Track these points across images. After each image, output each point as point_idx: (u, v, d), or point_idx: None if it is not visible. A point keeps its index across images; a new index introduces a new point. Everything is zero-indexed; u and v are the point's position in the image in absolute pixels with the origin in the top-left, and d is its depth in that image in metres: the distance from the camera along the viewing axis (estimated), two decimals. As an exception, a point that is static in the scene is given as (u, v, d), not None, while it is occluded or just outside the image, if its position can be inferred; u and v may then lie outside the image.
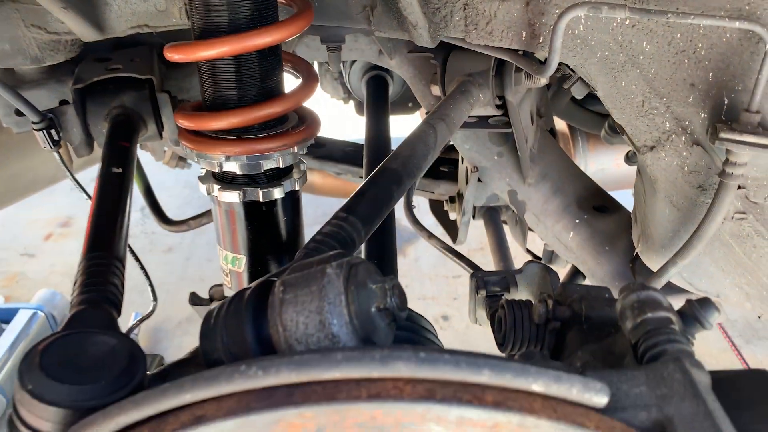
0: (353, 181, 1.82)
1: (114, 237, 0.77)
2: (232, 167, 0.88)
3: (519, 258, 1.58)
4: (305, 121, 0.94)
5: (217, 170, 0.89)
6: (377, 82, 1.61)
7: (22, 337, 2.64)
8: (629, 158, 1.64)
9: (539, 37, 0.94)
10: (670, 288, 1.11)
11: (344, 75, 1.75)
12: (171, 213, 1.81)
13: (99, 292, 0.68)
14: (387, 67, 1.31)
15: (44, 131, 1.05)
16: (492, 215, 1.48)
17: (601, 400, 0.44)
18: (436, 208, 1.70)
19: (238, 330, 0.58)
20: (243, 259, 0.97)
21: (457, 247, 1.40)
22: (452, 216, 1.60)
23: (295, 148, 0.90)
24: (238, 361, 0.46)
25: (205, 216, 1.57)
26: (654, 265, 1.12)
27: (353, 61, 1.70)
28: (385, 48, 1.22)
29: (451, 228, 1.65)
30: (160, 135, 1.17)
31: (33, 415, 0.54)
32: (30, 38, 1.07)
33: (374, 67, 1.64)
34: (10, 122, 1.15)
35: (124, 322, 2.79)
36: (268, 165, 0.90)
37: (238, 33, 0.81)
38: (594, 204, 1.30)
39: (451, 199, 1.53)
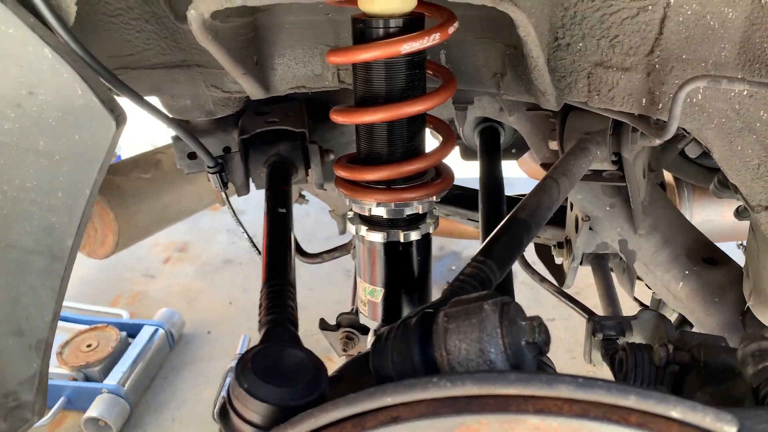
0: (460, 222, 1.94)
1: (286, 266, 0.93)
2: (380, 212, 1.02)
3: (624, 304, 1.64)
4: (441, 173, 1.07)
5: (366, 214, 1.04)
6: (491, 132, 1.73)
7: (146, 350, 2.91)
8: (739, 213, 1.66)
9: (658, 104, 1.03)
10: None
11: (456, 124, 1.88)
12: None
13: (282, 313, 0.83)
14: (505, 122, 1.43)
15: (217, 174, 1.24)
16: (600, 262, 1.55)
17: (731, 429, 0.53)
18: (542, 251, 1.78)
19: (407, 351, 0.70)
20: (380, 291, 1.11)
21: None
22: (558, 260, 1.68)
23: (434, 197, 1.03)
24: (409, 377, 0.58)
25: (337, 250, 1.74)
26: (766, 319, 1.16)
27: (466, 112, 1.83)
28: (506, 107, 1.34)
29: (556, 271, 1.73)
30: (306, 179, 1.35)
31: (247, 409, 0.68)
32: (207, 96, 1.28)
33: (487, 119, 1.76)
34: (183, 165, 1.36)
35: (234, 344, 3.02)
36: (409, 211, 1.03)
37: (395, 102, 0.95)
38: (703, 256, 1.35)
39: (559, 245, 1.62)
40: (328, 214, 2.32)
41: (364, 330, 1.44)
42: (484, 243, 0.92)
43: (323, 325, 1.42)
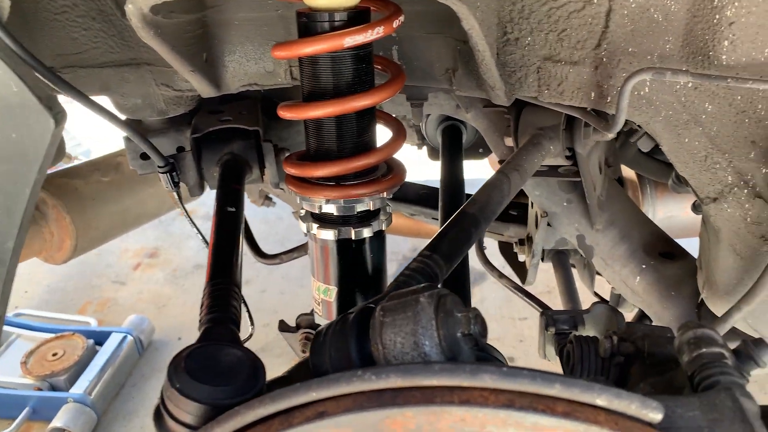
0: (425, 221, 1.93)
1: (232, 266, 0.91)
2: (330, 209, 1.01)
3: (586, 300, 1.64)
4: (393, 169, 1.06)
5: (316, 211, 1.02)
6: (452, 131, 1.73)
7: (114, 358, 2.86)
8: (696, 207, 1.68)
9: (607, 97, 1.03)
10: (736, 333, 1.15)
11: (421, 124, 1.88)
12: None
13: (223, 312, 0.81)
14: (462, 119, 1.42)
15: (167, 174, 1.22)
16: (561, 258, 1.56)
17: (656, 416, 0.52)
18: (506, 249, 1.78)
19: (344, 347, 0.69)
20: (334, 290, 1.09)
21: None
22: (521, 258, 1.68)
23: (385, 193, 1.02)
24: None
25: (295, 251, 1.72)
26: (718, 310, 1.17)
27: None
28: (462, 103, 1.34)
29: (520, 269, 1.73)
30: (262, 178, 1.33)
31: (179, 409, 0.67)
32: (158, 95, 1.26)
33: (449, 117, 1.76)
34: (135, 165, 1.33)
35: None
36: (360, 208, 1.02)
37: (341, 97, 0.94)
38: (660, 250, 1.35)
39: (521, 242, 1.62)
40: (290, 208, 2.31)
41: (324, 330, 1.42)
42: (433, 238, 0.91)
43: (283, 327, 1.41)
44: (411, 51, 1.15)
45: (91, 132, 5.11)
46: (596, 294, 1.56)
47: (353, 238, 1.04)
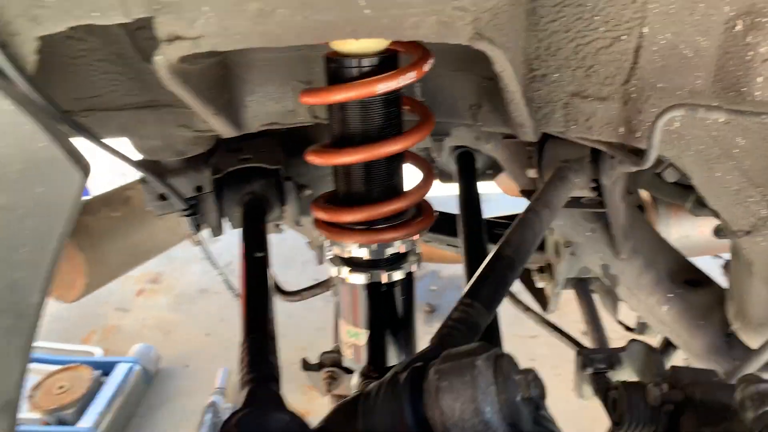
0: (440, 248, 1.92)
1: (266, 318, 0.89)
2: (361, 253, 1.00)
3: (608, 325, 1.63)
4: (422, 211, 1.05)
5: (347, 255, 1.01)
6: (467, 158, 1.72)
7: (121, 389, 2.82)
8: (718, 231, 1.67)
9: (636, 132, 1.02)
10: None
11: (432, 149, 1.87)
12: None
13: (264, 370, 0.80)
14: (484, 151, 1.41)
15: (189, 217, 1.20)
16: (583, 286, 1.54)
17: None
18: (523, 275, 1.77)
19: (398, 411, 0.67)
20: (364, 334, 1.08)
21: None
22: (539, 284, 1.67)
23: (416, 236, 1.01)
24: None
25: (318, 287, 1.70)
26: (752, 342, 1.16)
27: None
28: (482, 135, 1.33)
29: (538, 295, 1.72)
30: (282, 216, 1.31)
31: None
32: (177, 136, 1.24)
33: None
34: (153, 206, 1.32)
35: (213, 377, 2.95)
36: (390, 251, 1.01)
37: (372, 142, 0.93)
38: (685, 278, 1.34)
39: (540, 269, 1.61)
40: (304, 238, 2.29)
41: (348, 369, 1.40)
42: (471, 283, 0.89)
43: (306, 366, 1.38)
44: (435, 88, 1.14)
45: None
46: (620, 322, 1.55)
47: (384, 281, 1.03)
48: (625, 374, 1.04)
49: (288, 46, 1.12)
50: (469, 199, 1.55)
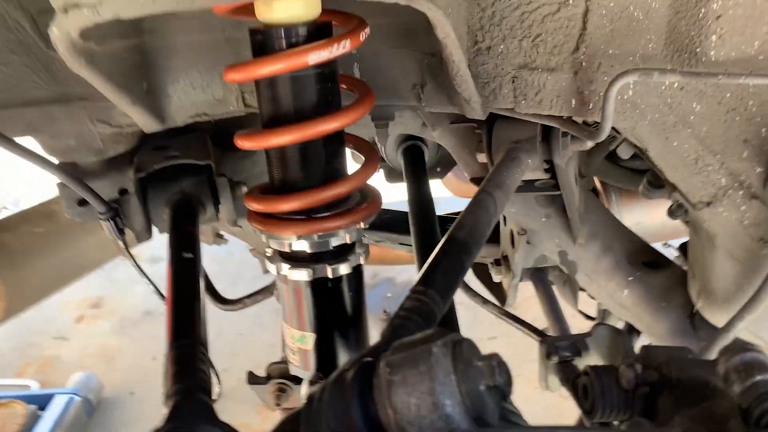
0: (392, 247, 1.84)
1: (195, 322, 0.79)
2: (302, 246, 0.90)
3: (567, 316, 1.58)
4: (367, 197, 0.97)
5: (286, 250, 0.91)
6: (414, 151, 1.65)
7: (60, 423, 2.62)
8: (672, 213, 1.64)
9: (589, 104, 0.97)
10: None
11: (379, 146, 1.79)
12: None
13: (192, 381, 0.69)
14: (429, 138, 1.34)
15: (111, 220, 1.08)
16: (540, 276, 1.49)
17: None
18: (479, 271, 1.71)
19: (345, 413, 0.58)
20: (311, 337, 0.98)
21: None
22: (496, 278, 1.60)
23: (362, 223, 0.92)
24: None
25: (260, 293, 1.58)
26: (717, 320, 1.12)
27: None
28: (428, 121, 1.26)
29: (495, 290, 1.65)
30: (217, 217, 1.20)
31: None
32: (95, 133, 1.12)
33: (410, 137, 1.68)
34: (72, 213, 1.19)
35: (161, 404, 2.77)
36: (335, 242, 0.92)
37: (305, 121, 0.84)
38: (644, 260, 1.30)
39: (496, 262, 1.54)
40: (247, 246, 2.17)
41: (298, 380, 1.30)
42: (423, 270, 0.81)
43: (253, 380, 1.27)
44: (374, 67, 1.07)
45: (21, 177, 4.81)
46: (580, 311, 1.50)
47: (330, 276, 0.94)
48: (593, 360, 0.97)
49: (210, 25, 1.04)
50: (419, 193, 1.48)
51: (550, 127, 1.15)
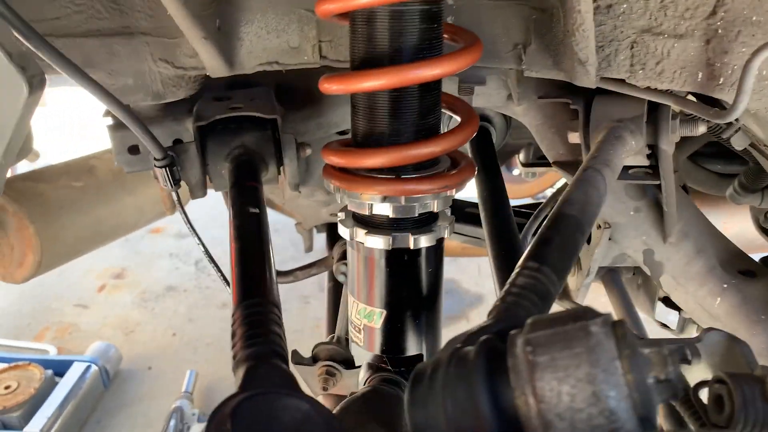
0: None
1: (266, 280, 0.68)
2: (385, 210, 0.79)
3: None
4: (458, 163, 0.85)
5: (366, 212, 0.80)
6: (481, 133, 1.53)
7: (76, 390, 2.55)
8: (762, 224, 1.50)
9: (719, 78, 0.85)
10: None
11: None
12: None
13: (267, 345, 0.58)
14: (512, 115, 1.23)
15: (166, 168, 0.98)
16: (613, 277, 1.36)
17: None
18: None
19: (470, 398, 0.47)
20: (380, 314, 0.87)
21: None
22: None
23: (453, 190, 0.81)
24: None
25: (314, 266, 1.48)
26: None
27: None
28: (515, 93, 1.14)
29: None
30: (278, 177, 1.10)
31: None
32: (155, 73, 1.03)
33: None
34: (122, 161, 1.09)
35: (179, 381, 2.69)
36: (421, 209, 0.81)
37: (405, 64, 0.73)
38: (739, 268, 1.17)
39: (564, 259, 1.42)
40: (293, 233, 2.06)
41: (348, 363, 1.19)
42: (532, 245, 0.70)
43: (297, 359, 1.17)
44: (472, 22, 0.95)
45: (49, 137, 4.77)
46: (657, 321, 1.37)
47: (411, 247, 0.83)
48: (700, 371, 0.85)
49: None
50: (491, 181, 1.35)
51: (657, 107, 1.03)
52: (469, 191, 1.11)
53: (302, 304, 3.33)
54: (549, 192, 3.22)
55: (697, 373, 0.86)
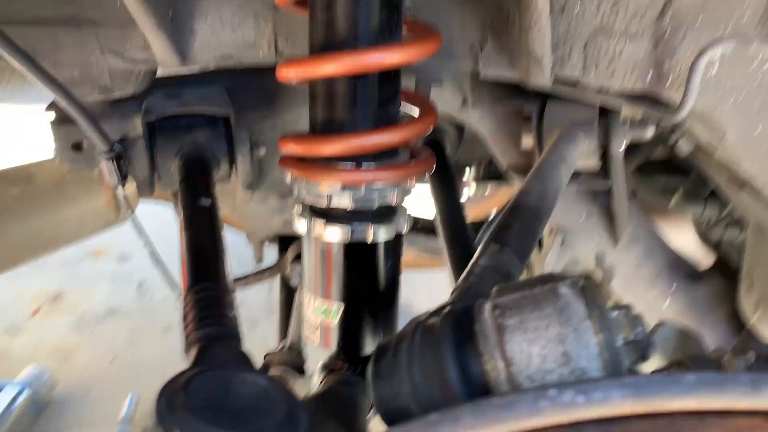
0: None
1: (219, 265, 0.65)
2: (344, 200, 0.78)
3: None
4: (417, 155, 0.85)
5: (325, 204, 0.78)
6: (434, 147, 1.53)
7: (6, 417, 2.38)
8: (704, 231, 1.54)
9: (667, 78, 0.88)
10: None
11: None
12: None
13: (220, 326, 0.55)
14: (467, 121, 1.24)
15: (113, 161, 0.94)
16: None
17: None
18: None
19: (437, 367, 0.45)
20: (338, 308, 0.84)
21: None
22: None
23: (414, 181, 0.80)
24: (444, 406, 0.34)
25: (267, 271, 1.43)
26: (777, 334, 1.02)
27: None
28: (470, 97, 1.15)
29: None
30: (230, 176, 1.07)
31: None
32: (103, 65, 0.99)
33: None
34: (65, 157, 1.04)
35: (118, 406, 2.55)
36: (380, 200, 0.79)
37: (363, 48, 0.73)
38: (685, 271, 1.20)
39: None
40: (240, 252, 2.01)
41: (300, 369, 1.15)
42: (493, 230, 0.69)
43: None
44: (429, 20, 0.96)
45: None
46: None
47: (369, 240, 0.81)
48: (655, 363, 0.86)
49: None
50: (446, 191, 1.35)
51: (608, 112, 1.05)
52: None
53: (250, 329, 3.24)
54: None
55: (652, 365, 0.87)
